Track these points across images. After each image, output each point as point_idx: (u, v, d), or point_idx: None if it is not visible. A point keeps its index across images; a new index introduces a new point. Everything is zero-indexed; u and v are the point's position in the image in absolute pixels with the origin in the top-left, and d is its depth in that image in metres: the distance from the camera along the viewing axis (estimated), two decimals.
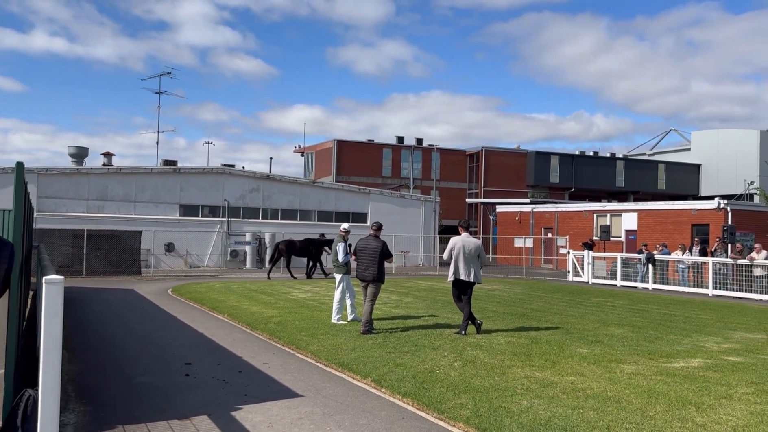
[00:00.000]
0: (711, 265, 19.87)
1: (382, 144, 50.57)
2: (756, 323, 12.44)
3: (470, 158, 52.50)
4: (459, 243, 10.15)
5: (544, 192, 51.45)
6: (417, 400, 6.23)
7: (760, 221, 27.82)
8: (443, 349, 8.72)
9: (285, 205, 31.83)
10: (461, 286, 10.25)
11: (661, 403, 6.09)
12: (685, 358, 8.45)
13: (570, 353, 8.59)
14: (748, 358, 8.56)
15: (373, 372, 7.39)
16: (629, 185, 54.40)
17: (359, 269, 10.38)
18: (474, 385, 6.73)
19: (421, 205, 35.14)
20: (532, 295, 17.64)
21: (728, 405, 6.05)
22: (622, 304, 15.72)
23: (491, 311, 13.27)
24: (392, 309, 13.41)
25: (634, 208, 33.48)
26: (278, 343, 9.63)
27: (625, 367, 7.76)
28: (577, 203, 40.29)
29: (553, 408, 5.86)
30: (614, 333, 10.59)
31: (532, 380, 6.95)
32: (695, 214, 29.29)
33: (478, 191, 50.84)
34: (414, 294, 17.18)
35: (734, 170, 52.23)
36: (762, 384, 6.94)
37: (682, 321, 12.57)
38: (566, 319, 12.27)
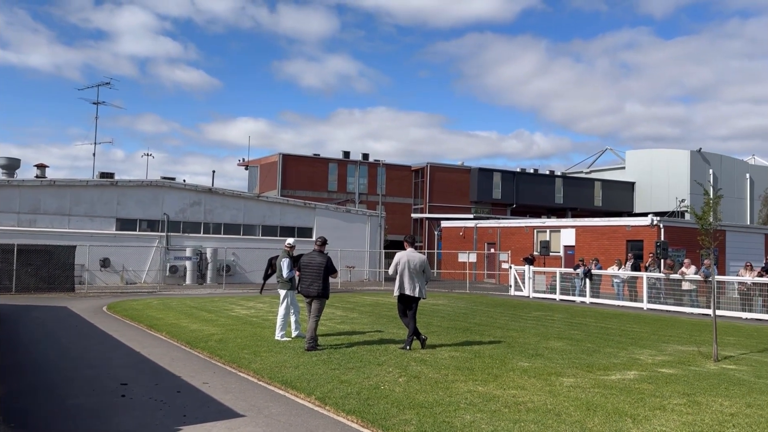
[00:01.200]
0: (645, 280, 20.65)
1: (328, 158, 50.48)
2: (687, 336, 12.98)
3: (416, 174, 53.02)
4: (404, 258, 10.21)
5: (487, 208, 52.43)
6: (361, 417, 6.19)
7: (690, 237, 29.14)
8: (388, 365, 8.71)
9: (228, 219, 31.27)
10: (406, 301, 10.29)
11: (599, 415, 6.25)
12: (621, 370, 8.72)
13: (512, 367, 8.73)
14: (680, 369, 8.90)
15: (317, 389, 7.30)
16: (568, 202, 56.10)
17: (303, 285, 10.28)
18: (418, 400, 6.74)
19: (366, 220, 35.20)
20: (475, 310, 17.87)
21: (662, 416, 6.27)
22: (561, 318, 16.11)
23: (436, 326, 13.36)
24: (337, 325, 13.32)
25: (572, 224, 34.51)
26: (219, 361, 9.40)
27: (565, 380, 7.94)
28: (518, 219, 41.22)
29: (495, 422, 5.93)
30: (554, 346, 10.83)
31: (475, 394, 7.02)
32: (630, 230, 30.44)
33: (423, 206, 51.33)
34: (359, 309, 17.13)
35: (666, 188, 54.65)
36: (693, 395, 7.22)
37: (618, 334, 12.98)
38: (508, 333, 12.48)
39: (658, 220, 29.35)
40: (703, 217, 10.37)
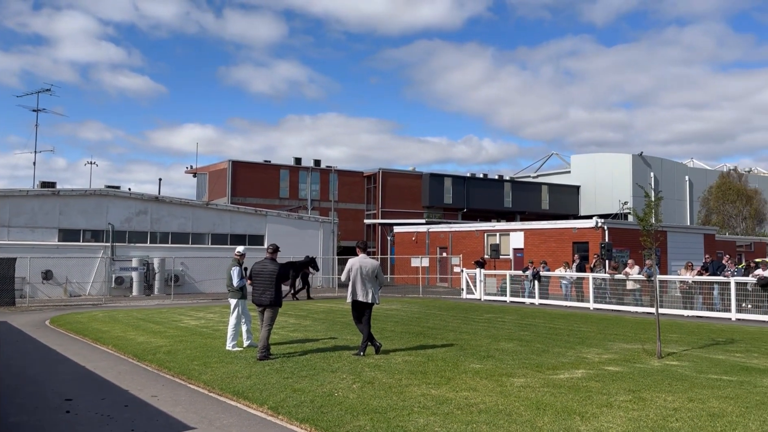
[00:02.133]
0: (591, 281, 21.24)
1: (279, 165, 50.07)
2: (632, 334, 13.40)
3: (368, 180, 53.12)
4: (357, 264, 10.22)
5: (438, 212, 52.96)
6: (315, 425, 6.15)
7: (633, 238, 30.14)
8: (342, 372, 8.68)
9: (176, 228, 30.58)
10: (360, 307, 10.30)
11: (549, 414, 6.39)
12: (569, 369, 8.94)
13: (464, 369, 8.84)
14: (625, 367, 9.19)
15: (270, 399, 7.22)
16: (516, 206, 57.21)
17: (255, 293, 10.16)
18: (372, 406, 6.75)
19: (319, 227, 35.03)
20: (428, 314, 18.01)
21: (609, 413, 6.46)
22: (511, 320, 16.40)
23: (390, 331, 13.40)
24: (290, 333, 13.20)
25: (520, 227, 35.21)
26: (168, 374, 9.18)
27: (515, 380, 8.09)
28: (469, 223, 41.80)
29: (448, 424, 5.99)
30: (505, 347, 11.02)
31: (428, 398, 7.08)
32: (576, 232, 31.27)
33: (376, 212, 51.45)
34: (313, 317, 17.02)
35: (610, 191, 56.36)
36: (638, 391, 7.46)
37: (566, 334, 13.30)
38: (460, 336, 12.62)
39: (603, 222, 30.26)
40: (645, 218, 10.76)
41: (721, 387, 7.71)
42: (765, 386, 7.74)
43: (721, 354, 10.50)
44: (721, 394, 7.31)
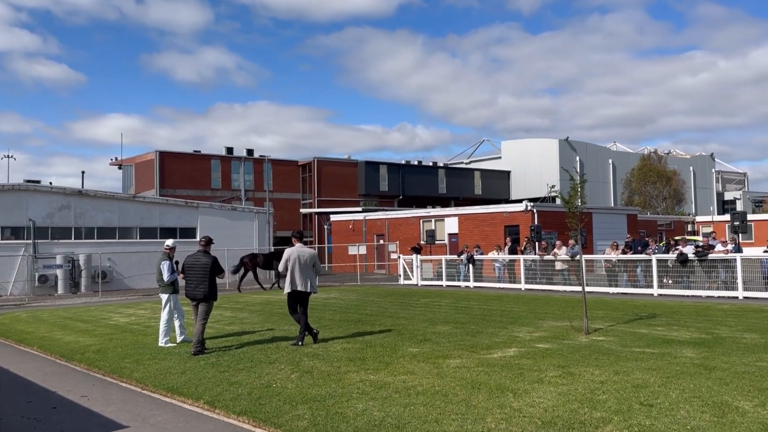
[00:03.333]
0: (522, 262, 21.89)
1: (209, 155, 48.91)
2: (561, 312, 13.93)
3: (303, 168, 52.66)
4: (294, 254, 10.15)
5: (375, 200, 53.16)
6: (253, 417, 6.10)
7: (561, 220, 31.22)
8: (280, 362, 8.64)
9: (102, 222, 29.39)
10: (298, 297, 10.24)
11: (483, 392, 6.58)
12: (502, 348, 9.22)
13: (402, 353, 8.96)
14: (555, 344, 9.55)
15: (206, 393, 7.11)
16: (450, 192, 58.14)
17: (188, 287, 9.93)
18: (311, 394, 6.76)
19: (254, 218, 34.47)
20: (366, 301, 18.11)
21: (540, 388, 6.71)
22: (447, 303, 16.72)
23: (328, 319, 13.40)
24: (226, 326, 13.00)
25: (455, 213, 35.84)
26: (98, 373, 8.87)
27: (451, 361, 8.28)
28: (405, 210, 42.16)
29: (386, 408, 6.08)
30: (441, 330, 11.24)
31: (367, 383, 7.14)
32: (507, 216, 32.11)
33: (311, 201, 51.11)
34: (249, 309, 16.80)
35: (539, 175, 58.08)
36: (567, 367, 7.78)
37: (499, 315, 13.69)
38: (398, 321, 12.78)
39: (532, 206, 31.20)
40: (570, 200, 11.17)
41: (644, 359, 8.14)
42: (684, 357, 8.23)
43: (644, 328, 11.07)
44: (644, 366, 7.72)
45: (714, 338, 9.69)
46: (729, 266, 17.17)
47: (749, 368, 7.36)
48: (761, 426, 5.13)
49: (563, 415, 5.68)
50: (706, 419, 5.40)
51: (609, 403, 6.03)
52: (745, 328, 10.70)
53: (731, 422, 5.29)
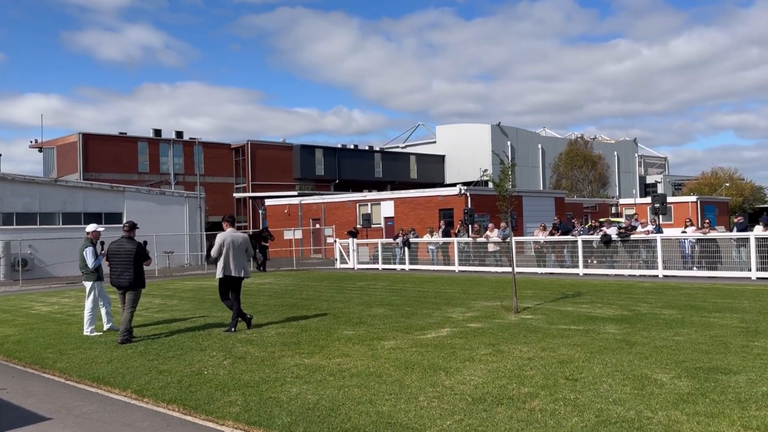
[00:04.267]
0: (456, 245, 22.29)
1: (136, 137, 47.12)
2: (492, 292, 14.29)
3: (236, 152, 51.57)
4: (228, 239, 9.93)
5: (310, 184, 52.75)
6: (183, 405, 5.97)
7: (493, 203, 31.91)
8: (212, 349, 8.48)
9: (20, 208, 27.85)
10: (231, 282, 10.05)
11: (416, 372, 6.68)
12: (436, 329, 9.38)
13: (337, 336, 8.97)
14: (486, 323, 9.80)
15: (134, 382, 6.89)
16: (386, 176, 58.37)
17: (113, 275, 9.57)
18: (244, 380, 6.67)
19: (184, 202, 33.50)
20: (302, 285, 18.01)
21: (471, 366, 6.87)
22: (383, 286, 16.85)
23: (262, 305, 13.24)
24: (155, 314, 12.63)
25: (390, 196, 36.02)
26: (18, 364, 8.44)
27: (386, 343, 8.35)
28: (341, 194, 42.04)
29: (321, 391, 6.08)
30: (376, 313, 11.32)
31: (301, 367, 7.12)
32: (441, 200, 32.56)
33: (245, 185, 50.19)
34: (180, 296, 16.38)
35: (472, 160, 59.14)
36: (497, 345, 8.00)
37: (433, 296, 13.91)
38: (334, 305, 12.78)
39: (465, 190, 31.75)
40: (501, 184, 11.42)
41: (569, 336, 8.46)
42: (607, 333, 8.61)
43: (570, 306, 11.51)
44: (570, 342, 8.03)
45: (635, 315, 10.19)
46: (650, 246, 18.06)
47: (667, 342, 7.78)
48: (677, 397, 5.44)
49: (493, 391, 5.84)
50: (627, 392, 5.67)
51: (536, 378, 6.25)
52: (664, 305, 11.30)
53: (650, 394, 5.58)
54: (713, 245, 17.27)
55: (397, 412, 5.33)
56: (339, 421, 5.17)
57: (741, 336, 8.03)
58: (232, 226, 10.27)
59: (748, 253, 16.15)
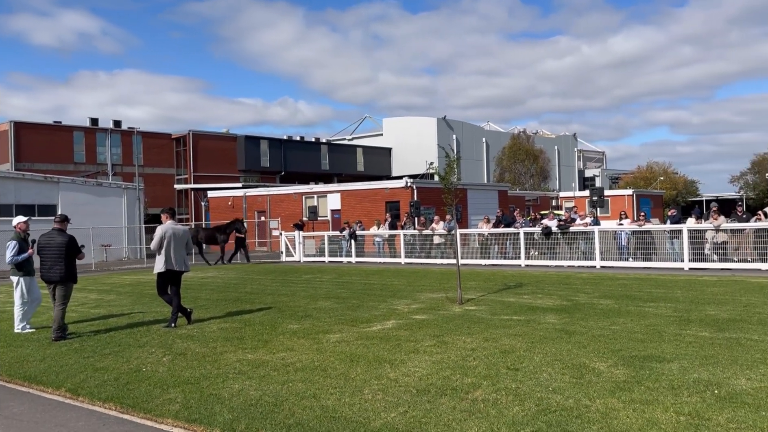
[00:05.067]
0: (402, 237, 22.41)
1: (72, 126, 45.27)
2: (437, 284, 14.43)
3: (177, 142, 50.24)
4: (169, 231, 9.63)
5: (255, 176, 51.94)
6: (120, 403, 5.77)
7: (438, 196, 32.25)
8: (151, 345, 8.23)
9: None
10: (171, 276, 9.77)
11: (361, 364, 6.67)
12: (381, 321, 9.39)
13: (282, 330, 8.86)
14: (431, 315, 9.88)
15: (68, 381, 6.62)
16: (333, 168, 58.10)
17: (43, 269, 9.15)
18: (184, 377, 6.50)
19: (122, 194, 32.40)
20: (246, 279, 17.73)
21: (416, 358, 6.90)
22: (329, 279, 16.77)
23: (204, 299, 12.96)
24: (91, 309, 12.17)
25: (337, 189, 35.89)
26: None
27: (331, 336, 8.31)
28: (287, 186, 41.59)
29: (264, 386, 5.98)
30: (322, 306, 11.25)
31: (244, 363, 6.99)
32: (388, 192, 32.66)
33: (187, 177, 48.97)
34: (117, 291, 15.86)
35: (418, 152, 59.48)
36: (442, 336, 8.07)
37: (379, 288, 13.94)
38: (279, 299, 12.63)
39: (412, 182, 31.96)
40: (446, 177, 11.52)
41: (511, 326, 8.63)
42: (547, 323, 8.82)
43: (512, 297, 11.74)
44: (512, 332, 8.19)
45: (574, 305, 10.48)
46: (588, 238, 18.63)
47: (604, 332, 8.03)
48: (614, 385, 5.62)
49: (436, 382, 5.89)
50: (566, 380, 5.82)
51: (479, 368, 6.33)
52: (601, 295, 11.67)
53: (588, 382, 5.74)
54: (648, 237, 17.96)
55: (342, 406, 5.30)
56: (282, 417, 5.10)
57: (674, 325, 8.37)
58: (172, 219, 9.98)
59: (681, 245, 16.86)
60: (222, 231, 25.04)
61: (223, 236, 24.82)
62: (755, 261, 16.02)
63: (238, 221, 25.63)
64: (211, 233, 25.44)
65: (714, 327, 8.10)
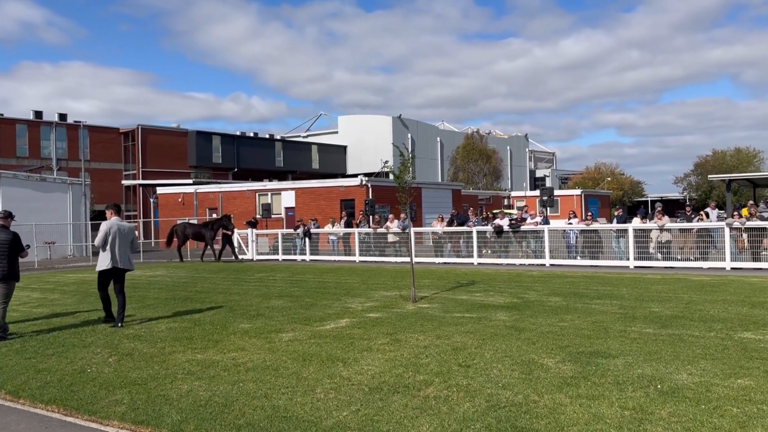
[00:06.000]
0: (356, 235, 22.40)
1: (14, 119, 43.50)
2: (392, 282, 14.48)
3: (125, 137, 48.90)
4: (114, 228, 9.39)
5: (207, 172, 51.05)
6: (64, 405, 5.58)
7: (393, 195, 32.35)
8: (96, 346, 7.99)
9: None
10: (115, 274, 9.53)
11: (314, 363, 6.64)
12: (335, 319, 9.37)
13: (233, 330, 8.73)
14: (384, 313, 9.91)
15: (9, 383, 6.36)
16: (288, 165, 57.59)
17: None
18: (131, 378, 6.33)
19: (68, 189, 31.31)
20: (197, 278, 17.40)
21: (369, 356, 6.91)
22: (282, 277, 16.62)
23: (153, 298, 12.65)
24: (34, 309, 11.73)
25: (292, 186, 35.59)
26: None
27: (284, 335, 8.24)
28: (240, 183, 40.99)
29: (214, 387, 5.89)
30: (275, 305, 11.14)
31: (193, 363, 6.86)
32: (343, 190, 32.59)
33: (135, 172, 47.74)
34: (62, 289, 15.33)
35: (373, 151, 59.61)
36: (395, 334, 8.11)
37: (333, 287, 13.90)
38: (230, 297, 12.44)
39: (367, 181, 31.98)
40: (401, 176, 11.57)
41: (463, 323, 8.73)
42: (498, 320, 8.97)
43: (464, 294, 11.88)
44: (464, 329, 8.29)
45: (524, 302, 10.69)
46: (538, 237, 19.02)
47: (553, 328, 8.21)
48: (561, 380, 5.75)
49: (389, 380, 5.91)
50: (515, 376, 5.93)
51: (431, 366, 6.39)
52: (550, 292, 11.94)
53: (537, 378, 5.86)
54: (595, 236, 18.46)
55: (294, 406, 5.26)
56: (232, 417, 5.02)
57: (619, 321, 8.63)
58: (118, 215, 9.70)
59: (627, 244, 17.40)
60: (209, 228, 24.49)
61: (211, 233, 24.26)
62: (697, 260, 16.67)
63: (225, 218, 25.04)
64: (198, 230, 24.88)
65: (657, 324, 8.39)
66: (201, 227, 25.23)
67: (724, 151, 72.70)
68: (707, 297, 10.84)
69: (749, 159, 70.48)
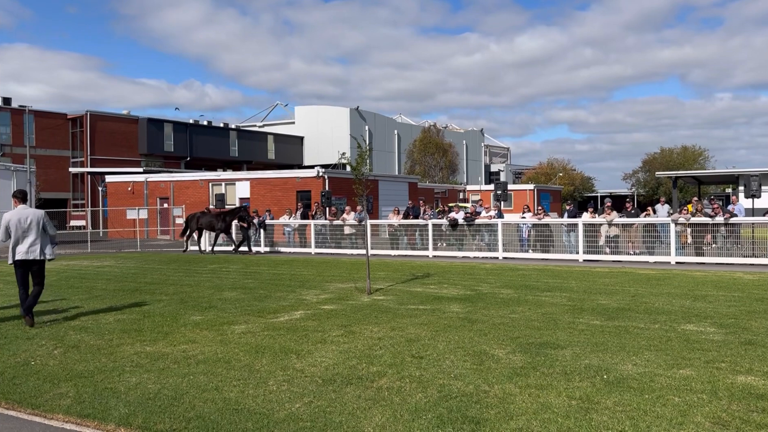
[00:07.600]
0: (312, 227, 22.27)
1: None
2: (347, 274, 14.47)
3: (73, 123, 47.29)
4: (13, 218, 8.62)
5: (158, 161, 49.89)
6: (6, 399, 5.39)
7: (350, 187, 32.30)
8: (41, 338, 7.72)
9: None
10: (29, 266, 8.81)
11: (267, 356, 6.58)
12: (289, 311, 9.30)
13: (184, 322, 8.58)
14: (339, 305, 9.89)
15: None
16: (243, 155, 56.76)
17: None
18: (77, 371, 6.15)
19: (11, 176, 30.02)
20: (147, 269, 17.00)
21: (323, 348, 6.89)
22: (236, 269, 16.40)
23: (100, 289, 12.31)
24: None
25: (246, 176, 35.12)
26: None
27: (236, 327, 8.13)
28: (193, 172, 40.20)
29: (163, 380, 5.77)
30: (228, 297, 10.98)
31: (142, 355, 6.71)
32: (299, 181, 32.35)
33: (83, 160, 46.25)
34: (5, 279, 14.74)
35: (331, 142, 59.29)
36: (350, 326, 8.11)
37: (288, 279, 13.79)
38: (182, 289, 12.21)
39: (324, 172, 31.81)
40: (357, 168, 11.55)
41: (417, 315, 8.80)
42: (452, 312, 9.07)
43: (419, 287, 11.97)
44: (418, 321, 8.35)
45: (477, 294, 10.84)
46: (492, 230, 19.30)
47: (504, 320, 8.36)
48: (512, 371, 5.86)
49: (343, 372, 5.91)
50: (467, 367, 6.01)
51: (385, 357, 6.42)
52: (503, 285, 12.14)
53: (488, 368, 5.95)
54: (547, 230, 18.85)
55: (245, 398, 5.21)
56: (182, 410, 4.94)
57: (568, 313, 8.84)
58: (23, 203, 8.97)
59: (577, 238, 17.83)
60: (222, 218, 23.13)
61: (222, 224, 22.98)
62: (643, 254, 17.22)
63: (242, 209, 23.48)
64: (209, 220, 23.55)
65: (604, 316, 8.63)
66: (213, 217, 23.81)
67: (671, 149, 75.30)
68: (653, 290, 11.21)
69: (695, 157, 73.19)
